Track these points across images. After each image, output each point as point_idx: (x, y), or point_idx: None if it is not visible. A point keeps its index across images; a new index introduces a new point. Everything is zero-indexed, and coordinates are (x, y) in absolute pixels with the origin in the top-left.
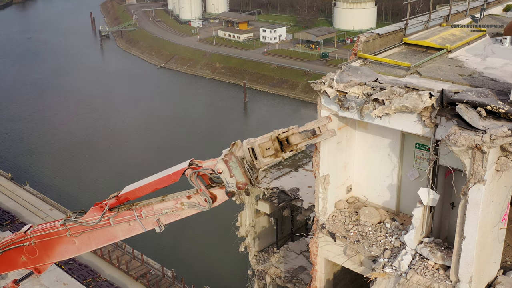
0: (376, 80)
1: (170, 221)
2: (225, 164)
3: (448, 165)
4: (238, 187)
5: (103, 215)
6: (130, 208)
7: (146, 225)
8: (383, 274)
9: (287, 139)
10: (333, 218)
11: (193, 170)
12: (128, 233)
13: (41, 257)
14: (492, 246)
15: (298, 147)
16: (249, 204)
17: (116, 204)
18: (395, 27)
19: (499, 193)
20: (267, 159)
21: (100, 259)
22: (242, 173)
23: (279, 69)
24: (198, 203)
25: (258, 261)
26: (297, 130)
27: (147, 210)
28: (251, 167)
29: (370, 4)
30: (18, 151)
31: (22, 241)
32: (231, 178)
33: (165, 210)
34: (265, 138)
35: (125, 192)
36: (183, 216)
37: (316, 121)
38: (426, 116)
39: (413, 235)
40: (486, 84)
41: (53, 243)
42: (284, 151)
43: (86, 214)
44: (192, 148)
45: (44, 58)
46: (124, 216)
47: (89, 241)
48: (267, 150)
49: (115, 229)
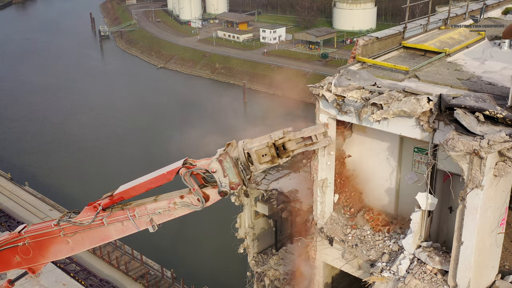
0: (375, 84)
1: (163, 221)
2: (219, 164)
3: (446, 169)
4: (231, 187)
5: (97, 215)
6: (123, 208)
7: (140, 225)
8: (381, 278)
9: (283, 145)
10: (331, 222)
11: (187, 169)
12: (122, 233)
13: (35, 257)
14: (490, 251)
15: (294, 153)
16: (248, 206)
17: (109, 204)
18: (393, 31)
19: (497, 198)
20: (263, 165)
21: (99, 259)
22: (235, 173)
23: (279, 69)
24: (191, 202)
25: (257, 262)
26: (294, 136)
27: (140, 210)
28: (245, 168)
29: (370, 4)
30: (17, 151)
31: (16, 241)
32: (225, 178)
33: (158, 210)
34: (262, 145)
35: (119, 192)
36: (176, 215)
37: (313, 129)
38: (424, 121)
39: (411, 239)
40: (485, 88)
41: (47, 243)
42: (280, 157)
43: (80, 214)
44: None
45: (44, 58)
46: (117, 216)
47: (83, 241)
48: (263, 156)
49: (108, 229)
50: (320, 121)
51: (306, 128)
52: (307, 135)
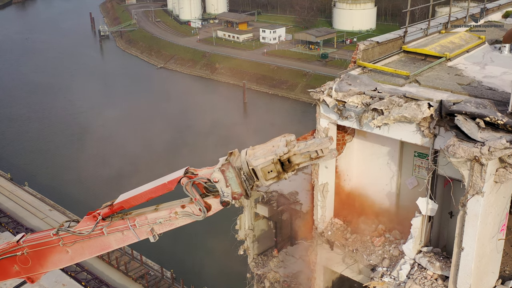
0: (375, 89)
1: (164, 231)
2: (221, 174)
3: (446, 175)
4: (233, 197)
5: (96, 225)
6: (123, 217)
7: (140, 235)
8: (382, 283)
9: (288, 158)
10: (332, 226)
11: (188, 179)
12: (122, 243)
13: (34, 267)
14: (490, 257)
15: (299, 167)
16: (248, 208)
17: (109, 213)
18: (394, 35)
19: (498, 204)
20: (269, 181)
21: (99, 260)
22: (238, 183)
23: (279, 69)
24: (192, 212)
25: (257, 264)
26: (299, 151)
27: (140, 219)
28: (247, 178)
29: (369, 4)
30: (17, 151)
31: (14, 250)
32: (227, 188)
33: (159, 220)
34: (267, 162)
35: (119, 201)
36: (178, 225)
37: (318, 143)
38: (425, 126)
39: (411, 244)
40: (485, 93)
41: (45, 252)
42: (286, 172)
43: (79, 223)
44: (191, 149)
45: (43, 58)
46: (117, 226)
47: (83, 251)
48: (269, 173)
49: (108, 239)
50: (321, 125)
51: (312, 141)
52: (312, 150)
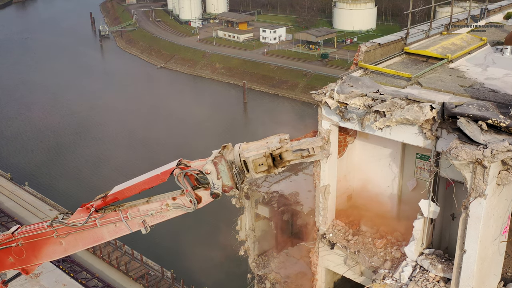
0: (377, 91)
1: (156, 222)
2: (214, 166)
3: (448, 177)
4: (224, 190)
5: (90, 217)
6: (116, 209)
7: (132, 226)
8: (384, 285)
9: (280, 154)
10: (333, 228)
11: (181, 170)
12: (115, 234)
13: (28, 258)
14: (492, 259)
15: (290, 164)
16: (249, 208)
17: (102, 205)
18: (396, 37)
19: (500, 207)
20: (259, 174)
21: (99, 259)
22: (229, 176)
23: (279, 69)
24: (183, 204)
25: (257, 265)
26: (291, 147)
27: (133, 211)
28: (239, 172)
29: (370, 4)
30: (17, 151)
31: (9, 242)
32: (218, 180)
33: (150, 211)
34: (259, 154)
35: (113, 192)
36: (169, 217)
37: (311, 141)
38: (427, 129)
39: (413, 246)
40: (487, 95)
41: (40, 244)
42: (277, 167)
43: (73, 215)
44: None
45: (43, 57)
46: (110, 217)
47: (76, 242)
48: (260, 166)
49: (101, 230)
50: (323, 127)
51: (304, 139)
52: (304, 147)
